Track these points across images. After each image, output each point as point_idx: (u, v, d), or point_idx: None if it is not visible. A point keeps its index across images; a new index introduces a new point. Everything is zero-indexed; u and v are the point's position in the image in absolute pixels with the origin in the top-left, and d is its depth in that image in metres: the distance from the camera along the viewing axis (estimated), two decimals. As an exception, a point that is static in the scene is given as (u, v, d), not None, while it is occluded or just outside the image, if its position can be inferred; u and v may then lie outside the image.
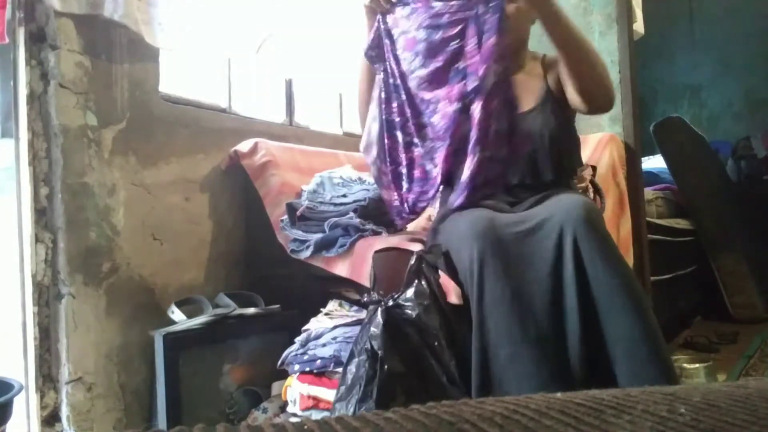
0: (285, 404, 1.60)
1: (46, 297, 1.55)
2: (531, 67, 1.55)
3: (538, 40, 1.50)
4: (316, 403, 1.51)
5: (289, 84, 2.48)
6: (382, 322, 1.19)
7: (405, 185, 1.51)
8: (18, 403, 1.38)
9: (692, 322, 3.25)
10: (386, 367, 1.16)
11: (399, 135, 1.49)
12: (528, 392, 1.03)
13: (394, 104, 1.48)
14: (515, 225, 1.22)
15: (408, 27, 1.44)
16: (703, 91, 4.94)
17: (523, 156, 1.42)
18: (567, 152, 1.48)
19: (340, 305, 1.72)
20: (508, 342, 1.10)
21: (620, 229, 2.06)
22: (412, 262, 1.28)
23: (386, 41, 1.48)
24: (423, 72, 1.43)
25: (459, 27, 1.38)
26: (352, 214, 1.74)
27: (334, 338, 1.52)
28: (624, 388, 0.43)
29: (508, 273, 1.14)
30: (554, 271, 1.15)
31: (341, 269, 1.70)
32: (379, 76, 1.50)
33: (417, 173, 1.50)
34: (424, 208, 1.56)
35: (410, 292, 1.24)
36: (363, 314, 1.60)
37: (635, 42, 2.46)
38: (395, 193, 1.52)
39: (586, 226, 1.13)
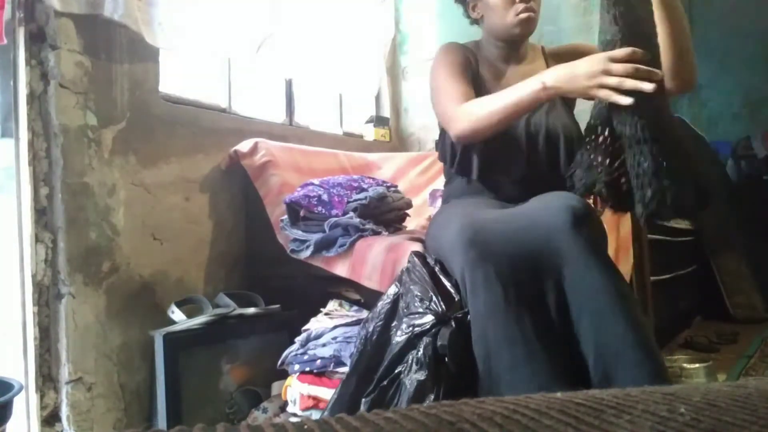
0: (285, 404, 1.60)
1: (46, 297, 1.55)
2: (532, 57, 1.54)
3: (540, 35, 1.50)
4: (316, 403, 1.51)
5: (289, 84, 2.48)
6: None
7: None
8: (18, 403, 1.38)
9: (692, 322, 3.24)
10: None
11: None
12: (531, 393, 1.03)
13: None
14: (504, 224, 1.20)
15: None
16: (703, 91, 4.93)
17: (540, 150, 1.42)
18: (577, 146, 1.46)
19: (340, 305, 1.72)
20: (508, 346, 1.09)
21: (620, 229, 2.05)
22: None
23: None
24: None
25: None
26: (352, 213, 1.74)
27: (334, 338, 1.52)
28: (624, 388, 0.42)
29: (500, 278, 1.12)
30: (540, 275, 1.14)
31: (341, 269, 1.70)
32: None
33: None
34: None
35: None
36: (363, 314, 1.60)
37: (635, 42, 2.45)
38: None
39: (572, 232, 1.12)
